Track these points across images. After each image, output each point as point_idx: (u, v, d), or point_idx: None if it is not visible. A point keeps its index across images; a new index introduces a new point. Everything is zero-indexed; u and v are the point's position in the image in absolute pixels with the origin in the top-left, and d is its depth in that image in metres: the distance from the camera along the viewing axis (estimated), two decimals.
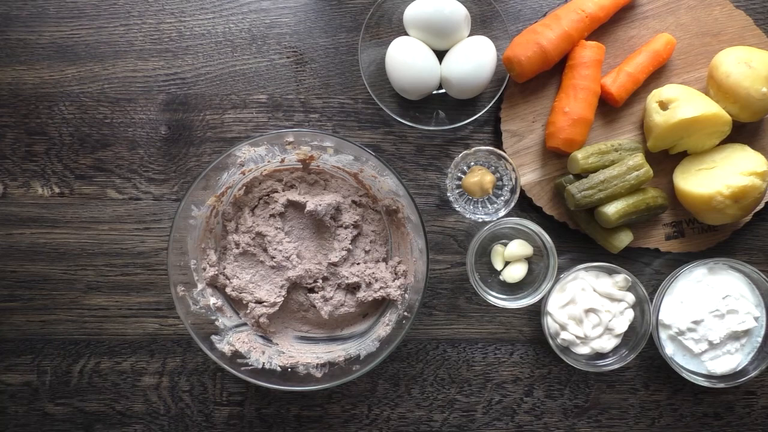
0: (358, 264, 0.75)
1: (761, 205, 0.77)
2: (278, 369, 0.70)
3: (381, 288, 0.74)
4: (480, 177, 0.76)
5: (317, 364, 0.71)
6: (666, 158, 0.78)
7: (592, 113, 0.75)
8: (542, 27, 0.75)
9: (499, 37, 0.77)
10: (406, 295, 0.73)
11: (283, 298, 0.74)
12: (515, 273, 0.77)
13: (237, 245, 0.74)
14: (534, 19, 0.79)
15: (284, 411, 0.79)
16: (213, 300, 0.73)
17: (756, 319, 0.75)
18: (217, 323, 0.72)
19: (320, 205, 0.72)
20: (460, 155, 0.75)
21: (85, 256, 0.79)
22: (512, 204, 0.76)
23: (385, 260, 0.77)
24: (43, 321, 0.78)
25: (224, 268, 0.74)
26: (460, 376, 0.79)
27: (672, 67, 0.79)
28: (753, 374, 0.75)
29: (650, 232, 0.79)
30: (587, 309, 0.75)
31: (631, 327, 0.76)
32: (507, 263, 0.79)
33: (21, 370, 0.78)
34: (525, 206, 0.80)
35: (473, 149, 0.75)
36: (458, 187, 0.78)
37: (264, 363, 0.70)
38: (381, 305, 0.76)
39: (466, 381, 0.79)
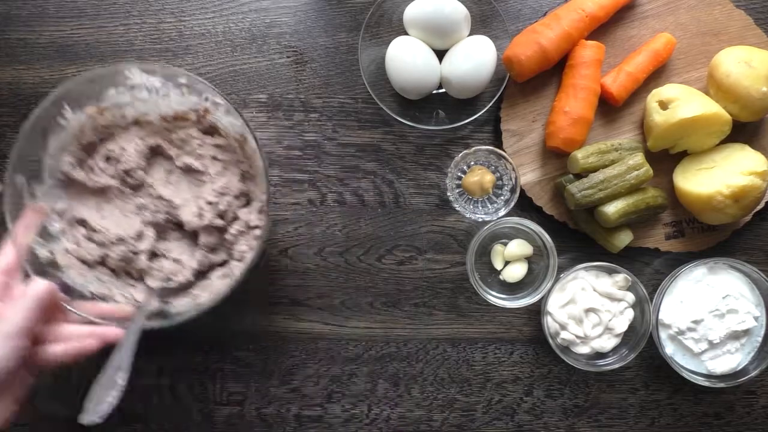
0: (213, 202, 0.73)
1: (761, 205, 0.77)
2: (89, 295, 0.67)
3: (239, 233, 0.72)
4: (480, 176, 0.76)
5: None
6: (666, 158, 0.78)
7: (592, 113, 0.75)
8: (542, 26, 0.75)
9: (499, 36, 0.77)
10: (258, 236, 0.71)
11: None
12: (515, 273, 0.77)
13: (92, 170, 0.72)
14: (534, 19, 0.79)
15: (284, 411, 0.79)
16: (60, 205, 0.70)
17: (756, 318, 0.75)
18: (50, 228, 0.68)
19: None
20: (460, 155, 0.75)
21: None
22: (512, 204, 0.76)
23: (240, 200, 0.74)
24: None
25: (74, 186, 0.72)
26: (460, 375, 0.79)
27: (672, 66, 0.79)
28: (753, 374, 0.75)
29: (650, 231, 0.79)
30: (587, 309, 0.75)
31: (631, 327, 0.76)
32: (507, 263, 0.79)
33: None
34: (525, 206, 0.80)
35: (473, 149, 0.75)
36: (458, 186, 0.78)
37: (78, 285, 0.67)
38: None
39: (466, 381, 0.79)
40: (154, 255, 0.73)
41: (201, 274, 0.73)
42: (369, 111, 0.80)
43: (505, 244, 0.78)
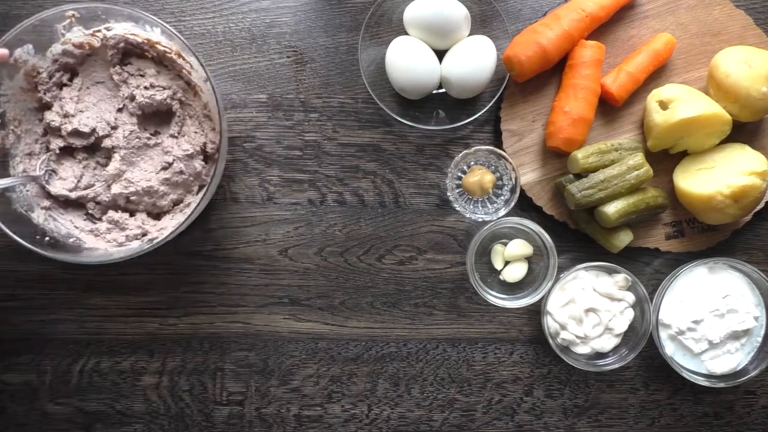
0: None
1: (761, 205, 0.77)
2: None
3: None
4: (480, 176, 0.76)
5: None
6: (666, 158, 0.78)
7: (592, 113, 0.75)
8: (542, 26, 0.75)
9: (499, 36, 0.77)
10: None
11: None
12: (515, 273, 0.77)
13: (119, 66, 0.75)
14: (534, 19, 0.79)
15: (284, 411, 0.79)
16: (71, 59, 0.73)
17: (756, 318, 0.76)
18: (48, 53, 0.72)
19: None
20: (460, 155, 0.75)
21: None
22: (512, 203, 0.76)
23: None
24: (43, 321, 0.78)
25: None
26: (460, 375, 0.79)
27: (672, 66, 0.79)
28: (753, 374, 0.75)
29: (650, 231, 0.79)
30: (587, 308, 0.75)
31: (631, 327, 0.76)
32: (507, 263, 0.79)
33: (21, 370, 0.78)
34: (525, 206, 0.80)
35: (473, 149, 0.75)
36: (458, 186, 0.78)
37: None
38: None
39: (466, 380, 0.79)
40: (70, 154, 0.75)
41: (72, 206, 0.75)
42: (369, 111, 0.80)
43: (505, 244, 0.78)
